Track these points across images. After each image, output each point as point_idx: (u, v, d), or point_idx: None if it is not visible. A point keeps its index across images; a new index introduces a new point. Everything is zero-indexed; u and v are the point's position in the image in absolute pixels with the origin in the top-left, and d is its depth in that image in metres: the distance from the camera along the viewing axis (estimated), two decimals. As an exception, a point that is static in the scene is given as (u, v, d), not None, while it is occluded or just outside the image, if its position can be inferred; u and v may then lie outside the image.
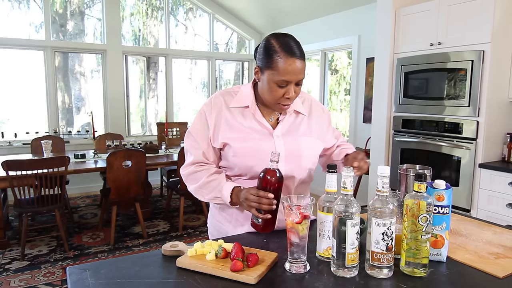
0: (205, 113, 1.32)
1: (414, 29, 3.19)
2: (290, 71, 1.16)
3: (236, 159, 1.27)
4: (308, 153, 1.32)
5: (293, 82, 1.19)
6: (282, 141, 1.29)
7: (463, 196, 2.87)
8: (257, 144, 1.27)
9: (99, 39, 5.33)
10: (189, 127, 1.39)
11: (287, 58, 1.16)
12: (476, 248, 1.13)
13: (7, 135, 4.65)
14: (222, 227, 1.40)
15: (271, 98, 1.23)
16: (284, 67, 1.16)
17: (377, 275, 0.96)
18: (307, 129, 1.35)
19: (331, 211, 0.98)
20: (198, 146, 1.32)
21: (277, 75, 1.17)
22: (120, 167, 3.30)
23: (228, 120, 1.29)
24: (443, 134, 2.98)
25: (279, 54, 1.16)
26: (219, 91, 1.37)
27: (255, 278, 0.92)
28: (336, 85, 5.30)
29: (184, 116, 6.27)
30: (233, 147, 1.27)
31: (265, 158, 1.21)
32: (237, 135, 1.28)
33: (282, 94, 1.20)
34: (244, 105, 1.30)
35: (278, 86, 1.19)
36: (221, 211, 1.40)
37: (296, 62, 1.16)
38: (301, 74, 1.19)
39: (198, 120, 1.34)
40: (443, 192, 1.02)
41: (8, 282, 2.72)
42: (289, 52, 1.16)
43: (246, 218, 1.32)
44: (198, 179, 1.30)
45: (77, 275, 0.96)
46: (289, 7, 5.12)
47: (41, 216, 4.06)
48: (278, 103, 1.24)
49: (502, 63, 2.77)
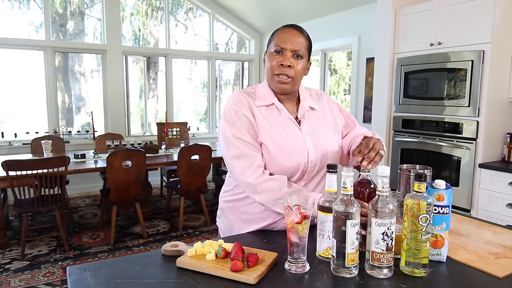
0: (239, 111, 1.24)
1: (414, 29, 3.19)
2: (284, 38, 1.23)
3: (271, 160, 1.24)
4: (332, 150, 1.32)
5: (288, 49, 1.22)
6: (310, 140, 1.28)
7: (463, 196, 2.87)
8: (290, 144, 1.25)
9: (99, 39, 5.33)
10: (223, 134, 1.26)
11: (283, 28, 1.26)
12: (476, 248, 1.13)
13: (7, 135, 4.65)
14: (234, 226, 1.38)
15: (268, 72, 1.27)
16: (278, 35, 1.25)
17: (377, 275, 0.96)
18: (326, 125, 1.35)
19: (331, 211, 0.98)
20: (254, 147, 1.23)
21: (273, 45, 1.25)
22: (120, 167, 3.30)
23: (259, 119, 1.26)
24: (443, 134, 2.98)
25: (278, 29, 1.28)
26: (240, 91, 1.32)
27: (255, 278, 0.92)
28: (335, 85, 5.30)
29: (184, 116, 6.27)
30: (268, 148, 1.24)
31: (297, 159, 1.23)
32: (268, 134, 1.25)
33: (277, 63, 1.23)
34: (269, 103, 1.29)
35: (274, 54, 1.24)
36: (234, 210, 1.38)
37: (290, 30, 1.24)
38: (297, 44, 1.23)
39: (236, 121, 1.23)
40: (443, 192, 1.02)
41: (8, 282, 2.72)
42: (287, 26, 1.27)
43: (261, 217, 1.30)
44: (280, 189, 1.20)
45: (77, 275, 0.96)
46: (289, 7, 5.12)
47: (41, 216, 4.06)
48: (273, 74, 1.25)
49: (502, 63, 2.77)
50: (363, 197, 1.10)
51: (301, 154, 1.25)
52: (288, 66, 1.23)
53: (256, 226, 1.32)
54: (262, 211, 1.29)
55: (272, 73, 1.25)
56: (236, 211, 1.37)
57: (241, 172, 1.21)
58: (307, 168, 1.27)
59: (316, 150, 1.28)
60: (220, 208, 1.47)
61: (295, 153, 1.25)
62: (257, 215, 1.31)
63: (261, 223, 1.31)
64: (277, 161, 1.24)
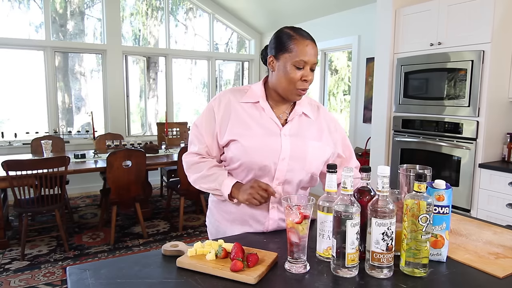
0: (213, 108, 1.33)
1: (414, 29, 3.19)
2: (307, 51, 1.22)
3: (241, 154, 1.27)
4: (313, 157, 1.30)
5: (309, 63, 1.23)
6: (289, 140, 1.28)
7: (463, 196, 2.87)
8: (264, 141, 1.27)
9: (99, 39, 5.33)
10: (195, 120, 1.41)
11: (303, 40, 1.23)
12: (476, 248, 1.13)
13: (7, 135, 4.65)
14: (220, 226, 1.40)
15: (287, 83, 1.25)
16: (301, 48, 1.22)
17: (377, 275, 0.96)
18: (317, 134, 1.34)
19: (331, 211, 0.98)
20: (203, 140, 1.34)
21: (295, 56, 1.22)
22: (120, 167, 3.30)
23: (238, 115, 1.30)
24: (443, 134, 2.98)
25: (295, 37, 1.23)
26: (229, 89, 1.38)
27: (255, 278, 0.92)
28: (335, 86, 5.30)
29: (184, 116, 6.27)
30: (240, 143, 1.26)
31: (270, 155, 1.24)
32: (246, 131, 1.28)
33: (300, 77, 1.23)
34: (255, 101, 1.31)
35: (296, 67, 1.23)
36: (219, 209, 1.40)
37: (311, 44, 1.24)
38: (315, 57, 1.25)
39: (205, 114, 1.35)
40: (443, 192, 1.02)
41: (8, 282, 2.72)
42: (304, 36, 1.24)
43: (244, 217, 1.33)
44: (200, 170, 1.33)
45: (77, 275, 0.96)
46: (289, 7, 5.12)
47: (41, 216, 4.06)
48: (295, 88, 1.25)
49: (502, 63, 2.77)
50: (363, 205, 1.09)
51: (273, 153, 1.26)
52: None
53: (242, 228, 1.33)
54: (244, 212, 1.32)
55: (294, 86, 1.25)
56: (221, 211, 1.39)
57: (185, 154, 1.40)
58: (278, 166, 1.26)
59: (292, 151, 1.27)
60: (209, 208, 1.49)
61: (266, 151, 1.26)
62: (240, 215, 1.33)
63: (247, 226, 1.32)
64: (247, 157, 1.26)
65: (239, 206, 1.33)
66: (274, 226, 1.31)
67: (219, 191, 1.29)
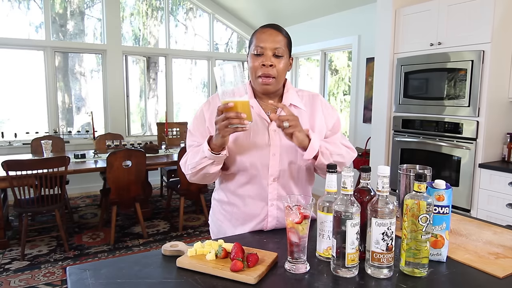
0: (203, 109, 1.36)
1: (414, 29, 3.19)
2: (263, 38, 1.24)
3: (231, 156, 1.27)
4: None
5: (268, 49, 1.23)
6: (278, 135, 1.27)
7: (463, 196, 2.87)
8: (252, 140, 1.27)
9: (99, 39, 5.33)
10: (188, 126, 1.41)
11: (262, 29, 1.28)
12: (476, 248, 1.13)
13: (7, 135, 4.65)
14: (221, 226, 1.40)
15: (251, 74, 1.28)
16: (257, 35, 1.27)
17: (377, 275, 0.96)
18: (309, 124, 1.31)
19: (331, 211, 0.98)
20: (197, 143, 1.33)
21: (253, 46, 1.26)
22: (120, 167, 3.30)
23: None
24: (443, 134, 2.98)
25: (256, 30, 1.30)
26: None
27: (255, 278, 0.92)
28: (335, 86, 5.30)
29: (184, 116, 6.26)
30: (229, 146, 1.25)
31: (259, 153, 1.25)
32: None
33: (259, 64, 1.24)
34: None
35: (254, 55, 1.25)
36: (221, 209, 1.40)
37: (268, 30, 1.26)
38: (276, 42, 1.24)
39: (196, 117, 1.37)
40: (443, 192, 1.02)
41: (8, 282, 2.72)
42: (265, 26, 1.29)
43: (246, 218, 1.33)
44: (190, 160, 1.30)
45: (77, 275, 0.96)
46: (289, 7, 5.12)
47: (41, 216, 4.06)
48: (257, 76, 1.25)
49: (502, 63, 2.77)
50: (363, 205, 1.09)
51: (262, 150, 1.25)
52: (270, 66, 1.24)
53: (243, 228, 1.33)
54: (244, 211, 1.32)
55: (255, 75, 1.26)
56: (222, 210, 1.39)
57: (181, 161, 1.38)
58: (270, 162, 1.26)
59: (282, 145, 1.26)
60: (211, 207, 1.49)
61: (255, 150, 1.26)
62: (240, 214, 1.33)
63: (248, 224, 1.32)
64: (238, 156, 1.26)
65: (239, 205, 1.33)
66: (273, 223, 1.31)
67: (204, 153, 1.21)
